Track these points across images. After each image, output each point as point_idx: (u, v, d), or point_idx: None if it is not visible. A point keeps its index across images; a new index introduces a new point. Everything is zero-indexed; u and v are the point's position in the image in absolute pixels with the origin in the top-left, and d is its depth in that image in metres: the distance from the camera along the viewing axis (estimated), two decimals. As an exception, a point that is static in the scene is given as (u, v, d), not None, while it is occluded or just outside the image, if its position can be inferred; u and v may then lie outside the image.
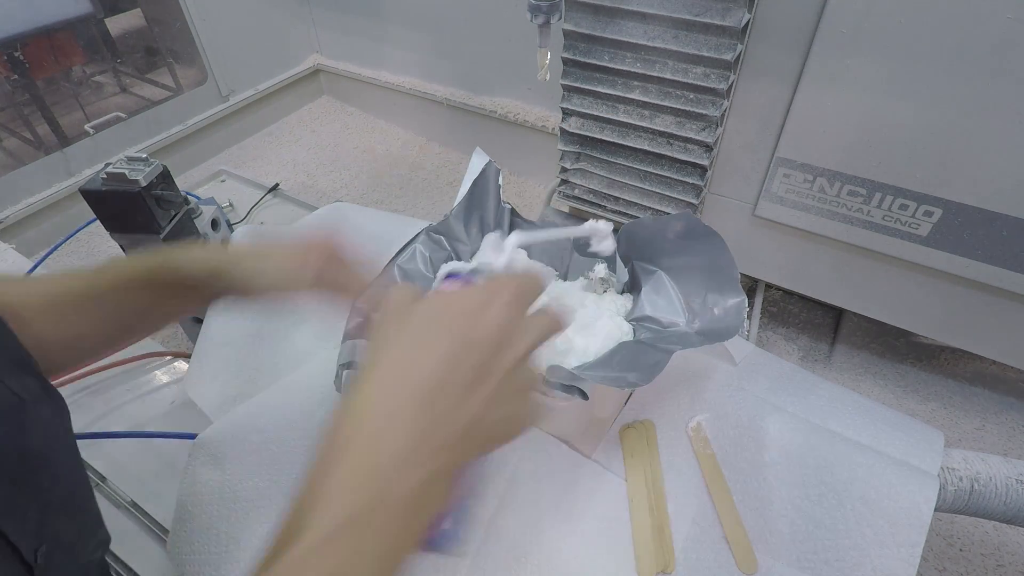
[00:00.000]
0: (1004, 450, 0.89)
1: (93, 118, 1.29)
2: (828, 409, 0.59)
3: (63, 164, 1.25)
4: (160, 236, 0.63)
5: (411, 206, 1.40)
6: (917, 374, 0.99)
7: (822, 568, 0.49)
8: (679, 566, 0.50)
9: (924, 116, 0.64)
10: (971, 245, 0.70)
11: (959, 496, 0.53)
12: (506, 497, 0.54)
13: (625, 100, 0.77)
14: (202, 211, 0.72)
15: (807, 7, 0.65)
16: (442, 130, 1.56)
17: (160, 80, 1.46)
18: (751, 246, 0.90)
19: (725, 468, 0.55)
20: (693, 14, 0.65)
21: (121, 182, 0.59)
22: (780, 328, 1.07)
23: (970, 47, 0.58)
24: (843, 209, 0.76)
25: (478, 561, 0.51)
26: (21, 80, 1.17)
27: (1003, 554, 0.77)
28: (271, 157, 1.56)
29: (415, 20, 1.41)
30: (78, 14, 1.22)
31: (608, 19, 0.71)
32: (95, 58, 1.34)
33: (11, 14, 1.10)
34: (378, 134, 1.64)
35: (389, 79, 1.55)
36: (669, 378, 0.62)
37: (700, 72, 0.70)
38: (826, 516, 0.51)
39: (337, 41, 1.64)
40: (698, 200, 0.80)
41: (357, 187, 1.46)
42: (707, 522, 0.52)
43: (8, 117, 1.21)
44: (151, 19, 1.39)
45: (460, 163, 1.51)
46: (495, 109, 1.36)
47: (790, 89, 0.71)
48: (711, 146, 0.74)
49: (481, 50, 1.34)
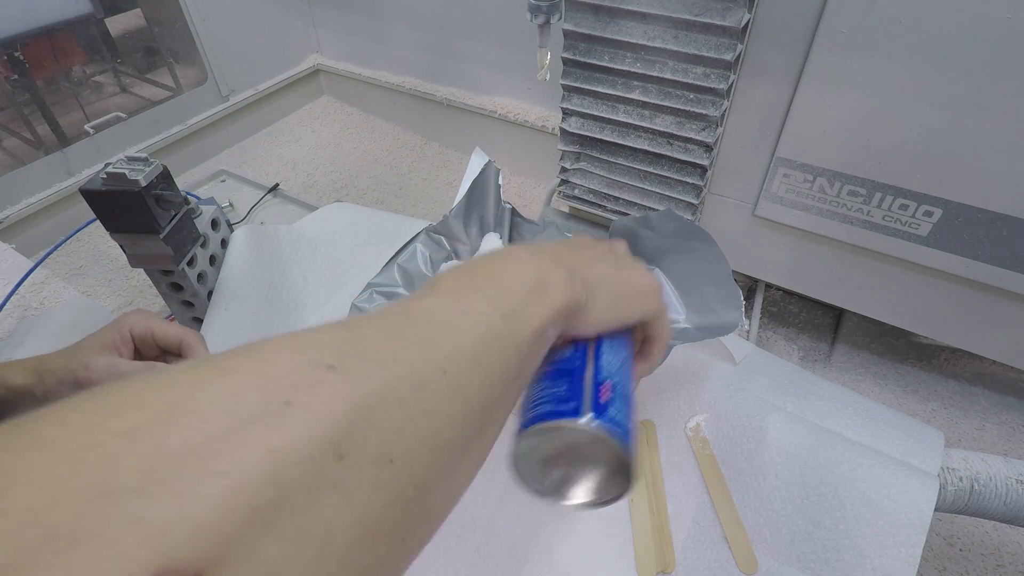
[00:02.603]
0: (1004, 450, 0.89)
1: (93, 118, 1.29)
2: (828, 409, 0.59)
3: (63, 164, 1.25)
4: (160, 236, 0.63)
5: (411, 206, 1.40)
6: (917, 374, 0.99)
7: (822, 568, 0.49)
8: (679, 566, 0.50)
9: (924, 116, 0.64)
10: (971, 245, 0.70)
11: (959, 496, 0.53)
12: (506, 497, 0.54)
13: (625, 100, 0.77)
14: (202, 211, 0.72)
15: (807, 7, 0.65)
16: (442, 130, 1.56)
17: (160, 80, 1.46)
18: (751, 246, 0.90)
19: (725, 468, 0.55)
20: (693, 14, 0.65)
21: (121, 182, 0.59)
22: (780, 328, 1.07)
23: (970, 47, 0.58)
24: (843, 209, 0.76)
25: (478, 561, 0.51)
26: (21, 80, 1.17)
27: (1003, 554, 0.77)
28: (271, 157, 1.56)
29: (415, 20, 1.41)
30: (78, 14, 1.22)
31: (608, 19, 0.71)
32: (95, 58, 1.34)
33: (11, 14, 1.10)
34: (378, 134, 1.64)
35: (389, 79, 1.55)
36: (669, 378, 0.62)
37: (700, 72, 0.70)
38: (826, 516, 0.51)
39: (337, 41, 1.64)
40: (698, 200, 0.80)
41: (357, 187, 1.46)
42: (707, 522, 0.52)
43: (8, 117, 1.21)
44: (151, 19, 1.39)
45: (460, 163, 1.51)
46: (495, 109, 1.36)
47: (790, 89, 0.71)
48: (711, 146, 0.74)
49: (481, 50, 1.33)
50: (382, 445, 0.17)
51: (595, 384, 0.26)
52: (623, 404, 0.26)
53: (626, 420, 0.26)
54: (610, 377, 0.27)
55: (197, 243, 0.70)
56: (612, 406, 0.26)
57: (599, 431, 0.24)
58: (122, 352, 0.44)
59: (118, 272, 1.18)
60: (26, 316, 0.82)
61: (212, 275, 0.74)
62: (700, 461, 0.56)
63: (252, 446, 0.15)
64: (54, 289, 0.86)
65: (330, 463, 0.16)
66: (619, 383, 0.28)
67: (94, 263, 1.21)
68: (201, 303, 0.73)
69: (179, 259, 0.67)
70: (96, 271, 1.19)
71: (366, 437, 0.17)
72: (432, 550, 0.52)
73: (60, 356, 0.43)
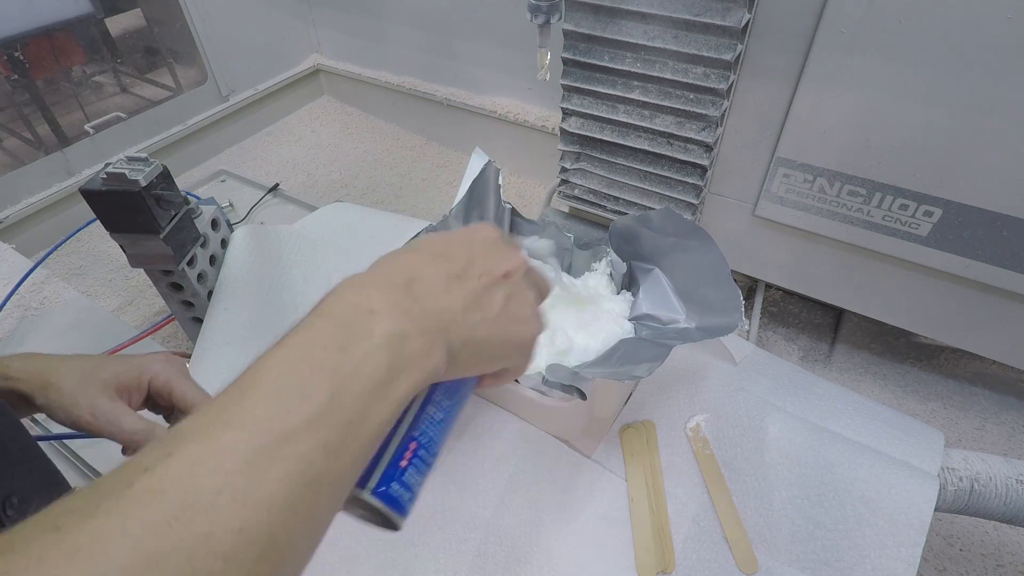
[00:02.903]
0: (1004, 450, 0.89)
1: (93, 118, 1.28)
2: (828, 409, 0.59)
3: (63, 164, 1.25)
4: (160, 236, 0.63)
5: (411, 206, 1.40)
6: (917, 374, 0.99)
7: (822, 568, 0.49)
8: (679, 566, 0.50)
9: (924, 116, 0.64)
10: (971, 245, 0.70)
11: (959, 496, 0.53)
12: (506, 497, 0.54)
13: (625, 100, 0.77)
14: (202, 211, 0.72)
15: (807, 7, 0.65)
16: (442, 130, 1.56)
17: (160, 80, 1.45)
18: (751, 246, 0.90)
19: (725, 468, 0.55)
20: (693, 14, 0.65)
21: (121, 182, 0.59)
22: (780, 328, 1.07)
23: (970, 47, 0.58)
24: (843, 209, 0.76)
25: (478, 561, 0.51)
26: (21, 80, 1.17)
27: (1003, 554, 0.77)
28: (271, 157, 1.56)
29: (415, 20, 1.40)
30: (78, 14, 1.22)
31: (608, 19, 0.71)
32: (95, 58, 1.34)
33: (11, 14, 1.10)
34: (378, 134, 1.64)
35: (389, 79, 1.55)
36: (669, 378, 0.62)
37: (700, 72, 0.70)
38: (826, 516, 0.51)
39: (337, 41, 1.64)
40: (698, 200, 0.80)
41: (357, 187, 1.46)
42: (707, 522, 0.53)
43: (8, 117, 1.21)
44: (151, 19, 1.39)
45: (460, 163, 1.50)
46: (495, 109, 1.36)
47: (790, 89, 0.71)
48: (711, 146, 0.74)
49: (481, 50, 1.33)
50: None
51: (400, 447, 0.27)
52: (421, 464, 0.27)
53: (416, 482, 0.27)
54: (425, 433, 0.28)
55: (197, 243, 0.70)
56: (407, 471, 0.26)
57: (375, 503, 0.25)
58: (133, 399, 0.42)
59: (118, 272, 1.18)
60: (26, 316, 0.82)
61: (212, 275, 0.74)
62: (700, 461, 0.56)
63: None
64: (54, 289, 0.86)
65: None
66: (432, 437, 0.28)
67: (94, 263, 1.21)
68: (201, 303, 0.73)
69: (179, 259, 0.67)
70: (96, 271, 1.19)
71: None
72: (432, 550, 0.52)
73: (71, 375, 0.40)
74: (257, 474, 0.19)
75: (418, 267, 0.26)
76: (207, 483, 0.18)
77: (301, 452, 0.20)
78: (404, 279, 0.26)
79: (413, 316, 0.24)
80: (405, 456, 0.26)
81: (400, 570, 0.51)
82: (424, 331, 0.24)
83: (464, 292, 0.27)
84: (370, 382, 0.22)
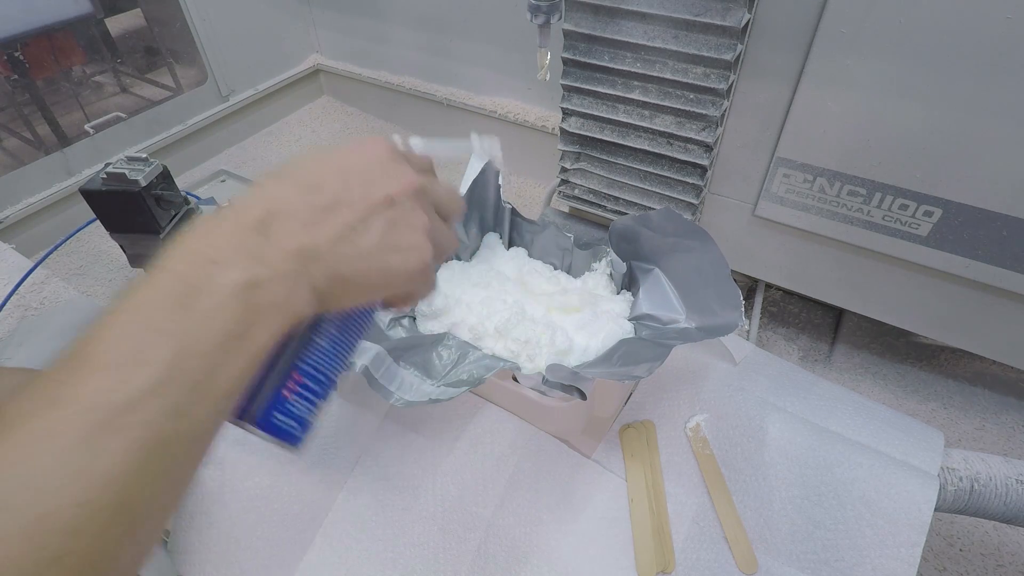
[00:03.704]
0: (1004, 450, 0.89)
1: (93, 118, 1.28)
2: (828, 409, 0.59)
3: (63, 164, 1.25)
4: (160, 236, 0.63)
5: (411, 206, 1.40)
6: (917, 374, 0.99)
7: (822, 568, 0.49)
8: (679, 566, 0.50)
9: (924, 116, 0.64)
10: (971, 245, 0.70)
11: (959, 496, 0.53)
12: (506, 497, 0.54)
13: (625, 100, 0.77)
14: (202, 211, 0.72)
15: (807, 7, 0.65)
16: (442, 130, 1.56)
17: (160, 80, 1.45)
18: (751, 246, 0.90)
19: (725, 468, 0.55)
20: (693, 14, 0.65)
21: (121, 182, 0.59)
22: (780, 328, 1.07)
23: (970, 47, 0.58)
24: (843, 209, 0.76)
25: (478, 561, 0.51)
26: (21, 80, 1.17)
27: (1003, 554, 0.77)
28: (271, 157, 1.56)
29: (415, 20, 1.40)
30: (78, 14, 1.22)
31: (608, 19, 0.71)
32: (95, 58, 1.34)
33: (11, 14, 1.10)
34: (378, 134, 1.64)
35: (389, 79, 1.55)
36: (669, 378, 0.62)
37: (700, 72, 0.70)
38: (826, 516, 0.51)
39: (337, 41, 1.64)
40: (698, 200, 0.80)
41: (357, 187, 1.46)
42: (707, 522, 0.53)
43: (8, 117, 1.21)
44: (151, 19, 1.39)
45: (460, 163, 1.50)
46: (495, 109, 1.36)
47: (790, 89, 0.71)
48: (711, 146, 0.74)
49: (481, 50, 1.33)
50: None
51: (284, 376, 0.26)
52: (308, 393, 0.27)
53: (303, 411, 0.26)
54: (309, 363, 0.27)
55: (197, 243, 0.70)
56: (290, 401, 0.26)
57: (259, 433, 0.25)
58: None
59: (118, 272, 1.18)
60: (26, 316, 0.82)
61: (212, 275, 0.74)
62: (700, 461, 0.56)
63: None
64: (54, 289, 0.86)
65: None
66: (318, 367, 0.27)
67: (94, 263, 1.21)
68: (201, 303, 0.73)
69: (179, 259, 0.67)
70: (96, 271, 1.19)
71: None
72: (432, 550, 0.52)
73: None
74: (96, 448, 0.18)
75: (280, 201, 0.24)
76: (40, 464, 0.18)
77: (145, 419, 0.19)
78: (258, 217, 0.23)
79: (266, 260, 0.22)
80: (288, 386, 0.26)
81: (400, 570, 0.51)
82: (282, 275, 0.23)
83: (333, 225, 0.24)
84: (218, 338, 0.21)
